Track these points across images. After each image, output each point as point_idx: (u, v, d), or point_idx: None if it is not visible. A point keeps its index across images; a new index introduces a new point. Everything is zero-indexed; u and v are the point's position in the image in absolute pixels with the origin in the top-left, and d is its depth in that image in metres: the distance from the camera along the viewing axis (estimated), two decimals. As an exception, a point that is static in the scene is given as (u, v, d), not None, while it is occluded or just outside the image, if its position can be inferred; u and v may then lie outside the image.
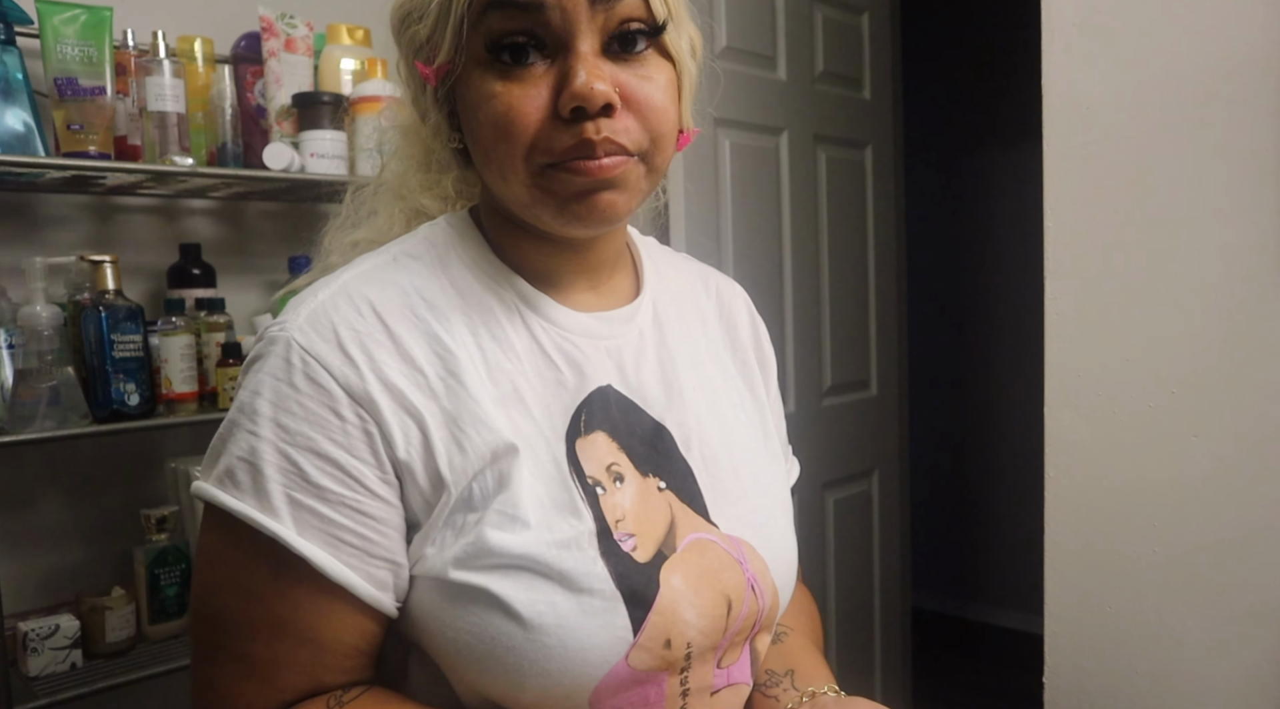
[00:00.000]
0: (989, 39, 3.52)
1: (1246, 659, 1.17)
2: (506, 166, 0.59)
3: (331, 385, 0.57)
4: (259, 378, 0.58)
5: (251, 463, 0.57)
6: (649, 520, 0.63)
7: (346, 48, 1.59)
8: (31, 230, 1.46)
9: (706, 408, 0.71)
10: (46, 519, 1.48)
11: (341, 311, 0.60)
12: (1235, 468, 1.17)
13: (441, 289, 0.64)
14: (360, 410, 0.58)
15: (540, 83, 0.58)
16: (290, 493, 0.56)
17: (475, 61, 0.59)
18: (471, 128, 0.61)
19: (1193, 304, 1.19)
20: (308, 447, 0.57)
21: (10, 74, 1.26)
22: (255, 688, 0.58)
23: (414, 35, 0.63)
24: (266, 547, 0.56)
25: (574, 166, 0.58)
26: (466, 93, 0.61)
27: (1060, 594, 1.32)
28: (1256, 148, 1.13)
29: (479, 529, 0.58)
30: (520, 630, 0.56)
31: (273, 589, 0.57)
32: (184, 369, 1.38)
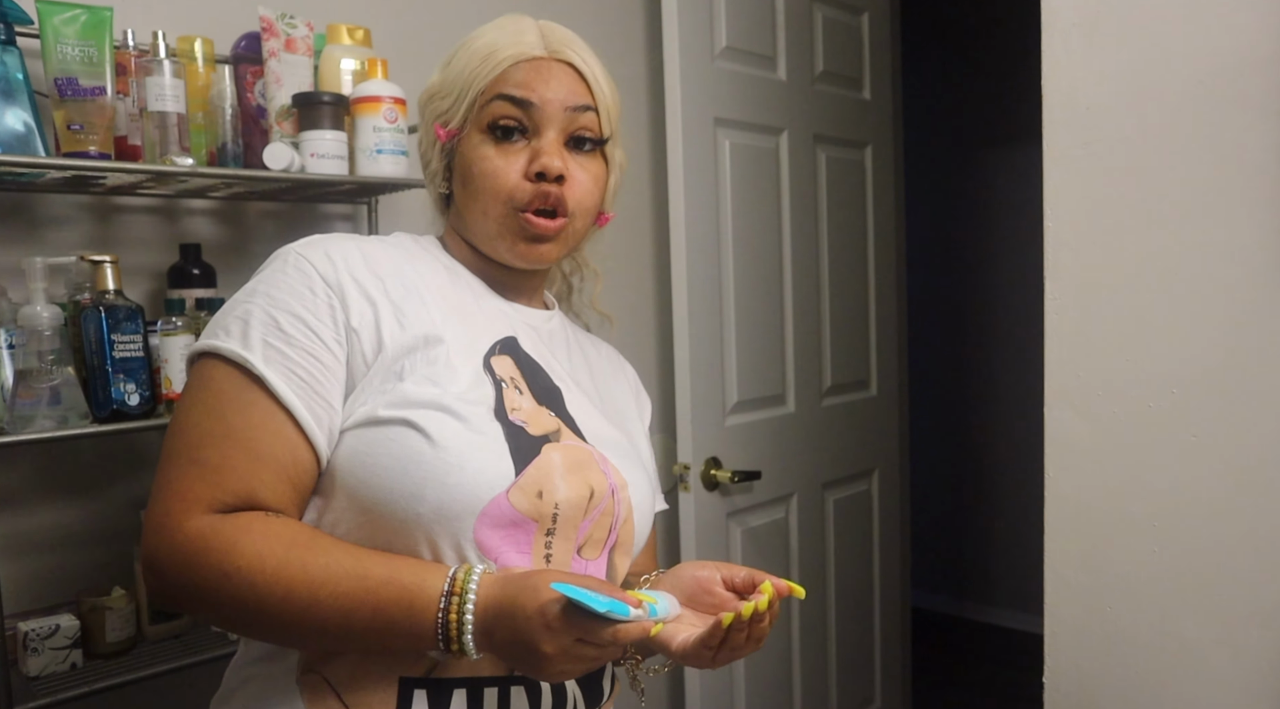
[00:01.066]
0: (989, 39, 3.52)
1: (1246, 659, 1.17)
2: (489, 206, 0.87)
3: (311, 273, 0.80)
4: (262, 273, 0.82)
5: (242, 319, 0.77)
6: (539, 421, 0.85)
7: (347, 48, 1.59)
8: (31, 230, 1.46)
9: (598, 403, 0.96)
10: (46, 519, 1.48)
11: (331, 240, 0.84)
12: (1235, 468, 1.17)
13: (412, 256, 0.89)
14: (329, 291, 0.79)
15: (519, 154, 0.87)
16: (265, 338, 0.76)
17: (477, 130, 0.88)
18: (465, 176, 0.89)
19: (1193, 304, 1.19)
20: (285, 308, 0.78)
21: (10, 74, 1.26)
22: (202, 486, 0.73)
23: (437, 106, 0.91)
24: (235, 374, 0.76)
25: (533, 220, 0.86)
26: (466, 152, 0.89)
27: (1060, 594, 1.32)
28: (1256, 148, 1.13)
29: (406, 385, 0.78)
30: (429, 447, 0.75)
31: (232, 406, 0.75)
32: (184, 369, 1.38)
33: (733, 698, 2.04)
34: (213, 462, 0.74)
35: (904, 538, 2.66)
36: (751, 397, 2.05)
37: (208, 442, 0.74)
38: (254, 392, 0.75)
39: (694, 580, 0.87)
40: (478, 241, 0.91)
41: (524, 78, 0.86)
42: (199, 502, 0.73)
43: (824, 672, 2.29)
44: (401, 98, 1.54)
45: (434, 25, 1.88)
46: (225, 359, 0.76)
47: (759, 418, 2.08)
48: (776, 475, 2.10)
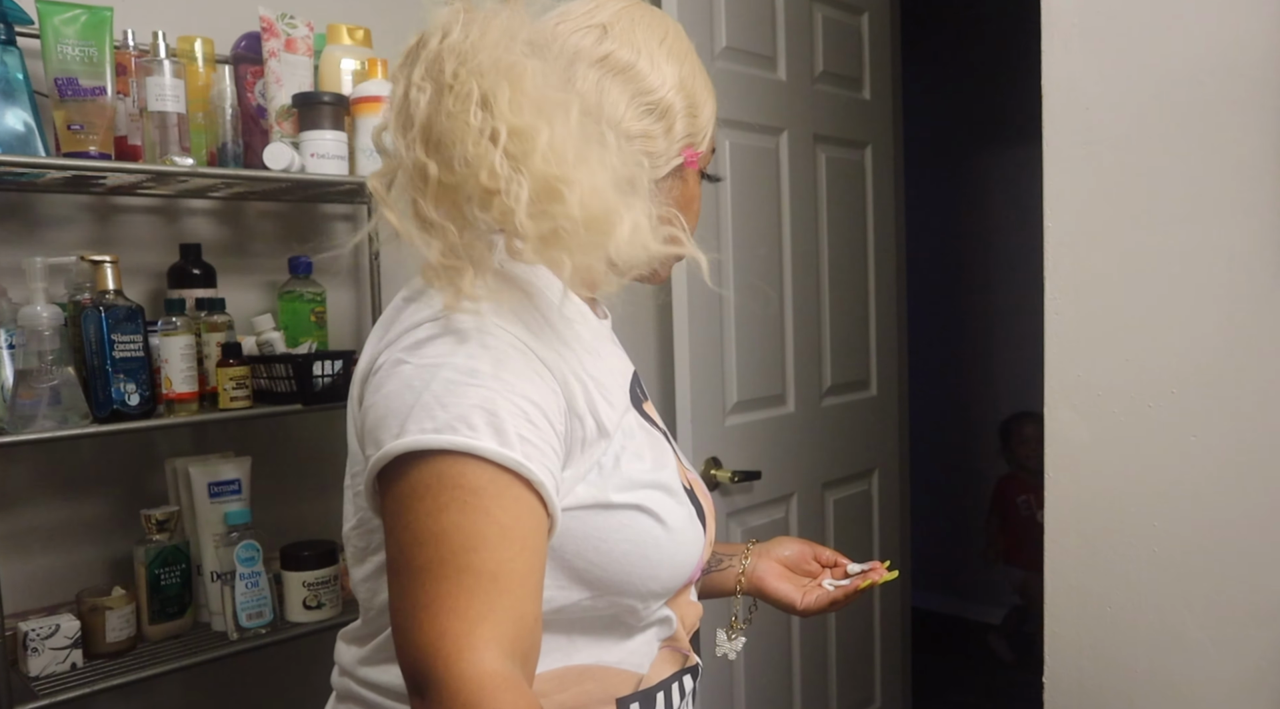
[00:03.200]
0: (989, 39, 3.52)
1: (1246, 659, 1.17)
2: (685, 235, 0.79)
3: (531, 356, 0.70)
4: (468, 348, 0.68)
5: (487, 410, 0.66)
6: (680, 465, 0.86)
7: (347, 48, 1.59)
8: (31, 230, 1.46)
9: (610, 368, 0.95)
10: (46, 519, 1.48)
11: (513, 307, 0.73)
12: (1235, 468, 1.17)
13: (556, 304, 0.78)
14: (551, 376, 0.71)
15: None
16: (520, 432, 0.66)
17: (702, 168, 0.87)
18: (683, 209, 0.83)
19: (1193, 304, 1.19)
20: (525, 396, 0.68)
21: (10, 74, 1.26)
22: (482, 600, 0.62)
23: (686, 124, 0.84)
24: (492, 471, 0.65)
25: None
26: (693, 185, 0.87)
27: (1060, 594, 1.32)
28: (1256, 148, 1.13)
29: (626, 465, 0.76)
30: (664, 532, 0.77)
31: (499, 502, 0.65)
32: (184, 369, 1.38)
33: (733, 698, 2.04)
34: (489, 567, 0.63)
35: (904, 538, 2.66)
36: (751, 396, 2.05)
37: (479, 543, 0.64)
38: (516, 488, 0.66)
39: (799, 551, 1.06)
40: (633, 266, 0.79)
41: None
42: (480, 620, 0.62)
43: (824, 672, 2.29)
44: (401, 98, 1.53)
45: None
46: (472, 457, 0.65)
47: (759, 418, 2.08)
48: (776, 475, 2.10)
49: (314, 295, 1.64)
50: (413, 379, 0.67)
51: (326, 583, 1.51)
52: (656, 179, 0.82)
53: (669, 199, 0.83)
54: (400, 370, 0.68)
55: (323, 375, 1.48)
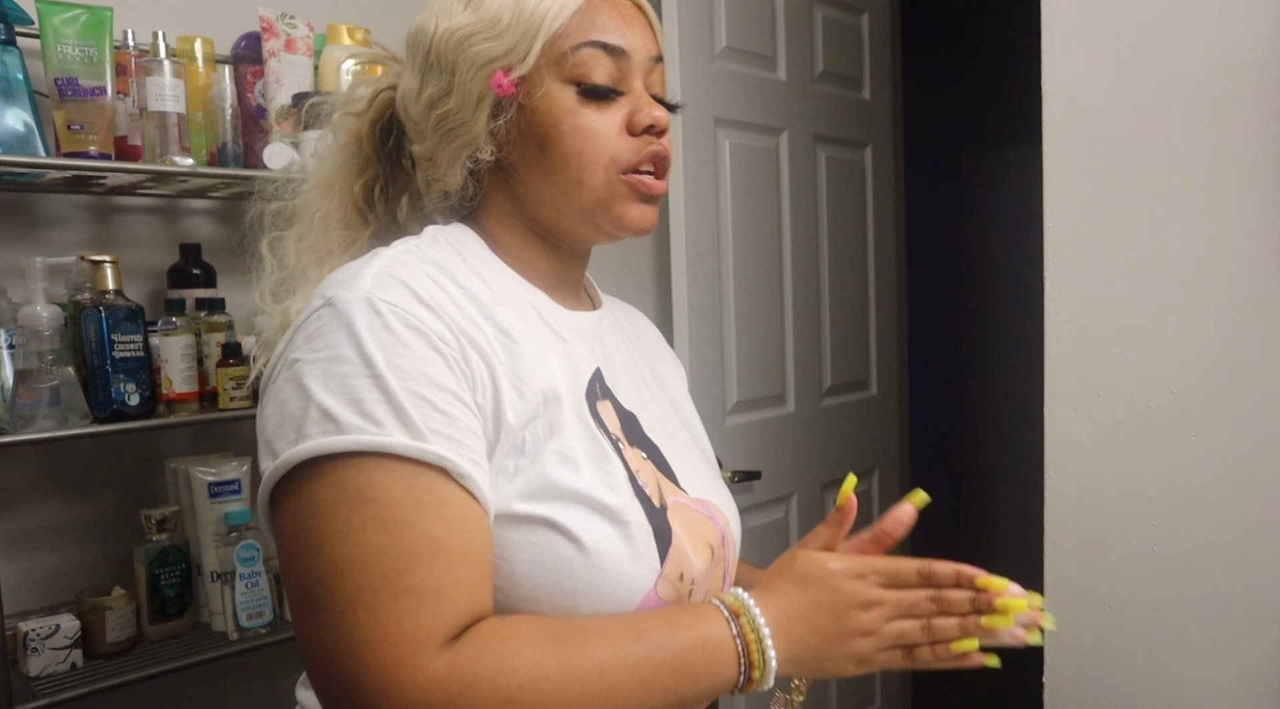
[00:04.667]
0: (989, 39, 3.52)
1: (1246, 659, 1.17)
2: (586, 172, 0.72)
3: (427, 330, 0.63)
4: (353, 332, 0.61)
5: (389, 402, 0.59)
6: (651, 480, 0.74)
7: (347, 48, 1.59)
8: (31, 230, 1.46)
9: (663, 400, 0.86)
10: (46, 519, 1.48)
11: (403, 274, 0.65)
12: (1235, 468, 1.17)
13: (469, 269, 0.71)
14: (453, 354, 0.64)
15: (612, 109, 0.73)
16: (429, 424, 0.60)
17: (558, 82, 0.72)
18: (547, 138, 0.72)
19: (1193, 304, 1.19)
20: (428, 381, 0.61)
21: (10, 74, 1.26)
22: (430, 616, 0.58)
23: (483, 50, 0.71)
24: (405, 474, 0.59)
25: (645, 180, 0.73)
26: (545, 108, 0.72)
27: (1060, 594, 1.32)
28: (1256, 148, 1.13)
29: (539, 468, 0.66)
30: (580, 556, 0.65)
31: (425, 513, 0.59)
32: (184, 369, 1.38)
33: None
34: (430, 584, 0.58)
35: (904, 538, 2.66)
36: (751, 397, 2.05)
37: (411, 564, 0.58)
38: (438, 488, 0.60)
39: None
40: (560, 218, 0.74)
41: (609, 20, 0.72)
42: (432, 637, 0.57)
43: (824, 672, 2.29)
44: (401, 98, 1.53)
45: (434, 25, 1.87)
46: (375, 459, 0.58)
47: (759, 418, 2.08)
48: (776, 475, 2.10)
49: (314, 295, 1.64)
50: (301, 378, 0.61)
51: (326, 583, 1.51)
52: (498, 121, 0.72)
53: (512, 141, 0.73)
54: (290, 372, 0.62)
55: (323, 375, 1.48)
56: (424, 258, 0.69)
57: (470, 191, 0.76)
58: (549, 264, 0.78)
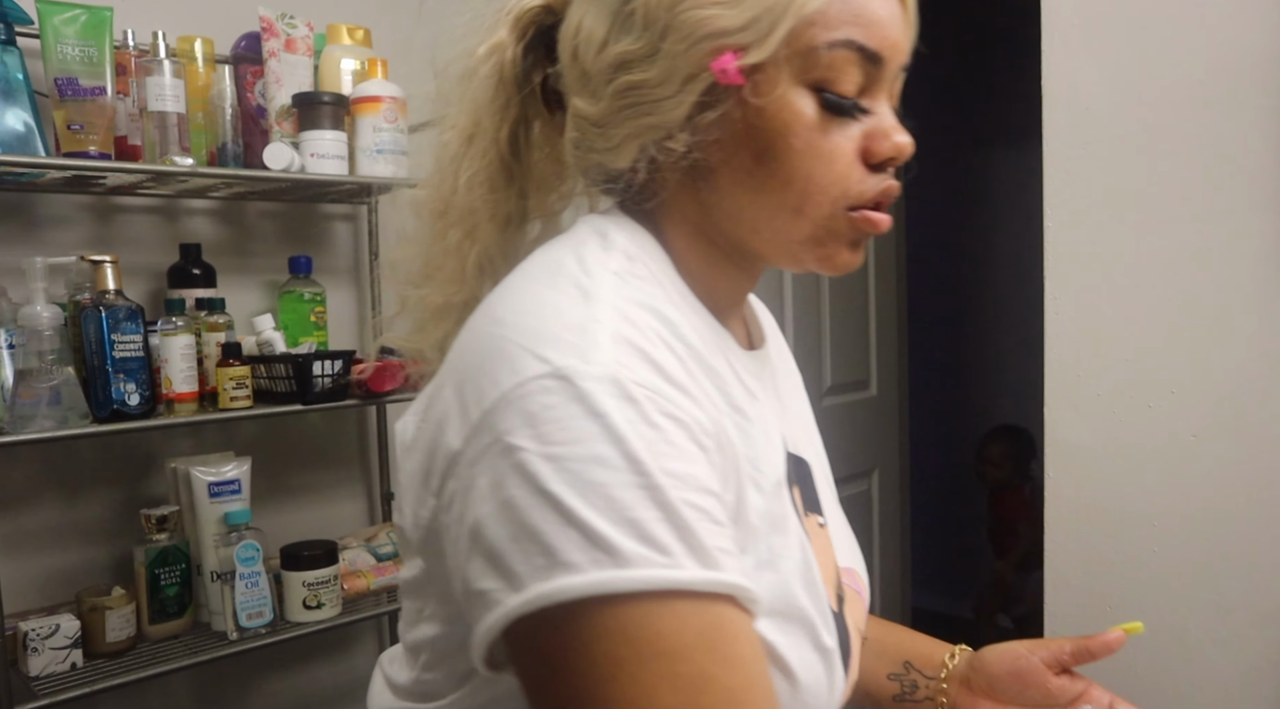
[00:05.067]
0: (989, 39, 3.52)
1: (1246, 659, 1.17)
2: (810, 201, 0.56)
3: (685, 418, 0.49)
4: (607, 424, 0.46)
5: (670, 521, 0.46)
6: (826, 565, 0.61)
7: (346, 48, 1.59)
8: (31, 230, 1.46)
9: (805, 433, 0.71)
10: (46, 519, 1.48)
11: (641, 340, 0.50)
12: (1235, 468, 1.17)
13: (676, 309, 0.55)
14: (710, 443, 0.50)
15: (853, 128, 0.56)
16: (713, 541, 0.47)
17: (797, 83, 0.55)
18: (770, 149, 0.55)
19: (1193, 304, 1.19)
20: (699, 486, 0.48)
21: (10, 74, 1.26)
22: None
23: (707, 19, 0.53)
24: (694, 613, 0.46)
25: (873, 218, 0.58)
26: (775, 111, 0.55)
27: (1060, 594, 1.32)
28: (1256, 148, 1.13)
29: (766, 578, 0.54)
30: (788, 688, 0.55)
31: (719, 660, 0.46)
32: (184, 369, 1.38)
33: None
34: None
35: (904, 538, 2.66)
36: (751, 396, 2.05)
37: None
38: (726, 622, 0.47)
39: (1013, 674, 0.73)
40: (754, 242, 0.60)
41: (878, 11, 0.55)
42: None
43: (824, 672, 2.29)
44: (401, 98, 1.53)
45: (434, 25, 1.87)
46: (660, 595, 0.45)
47: (759, 418, 2.08)
48: (776, 475, 2.10)
49: (314, 295, 1.64)
50: (542, 479, 0.45)
51: (326, 583, 1.51)
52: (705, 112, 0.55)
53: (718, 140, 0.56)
54: (515, 464, 0.46)
55: (323, 375, 1.48)
56: (644, 303, 0.53)
57: (641, 178, 0.59)
58: (729, 286, 0.63)
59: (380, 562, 1.65)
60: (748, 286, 0.65)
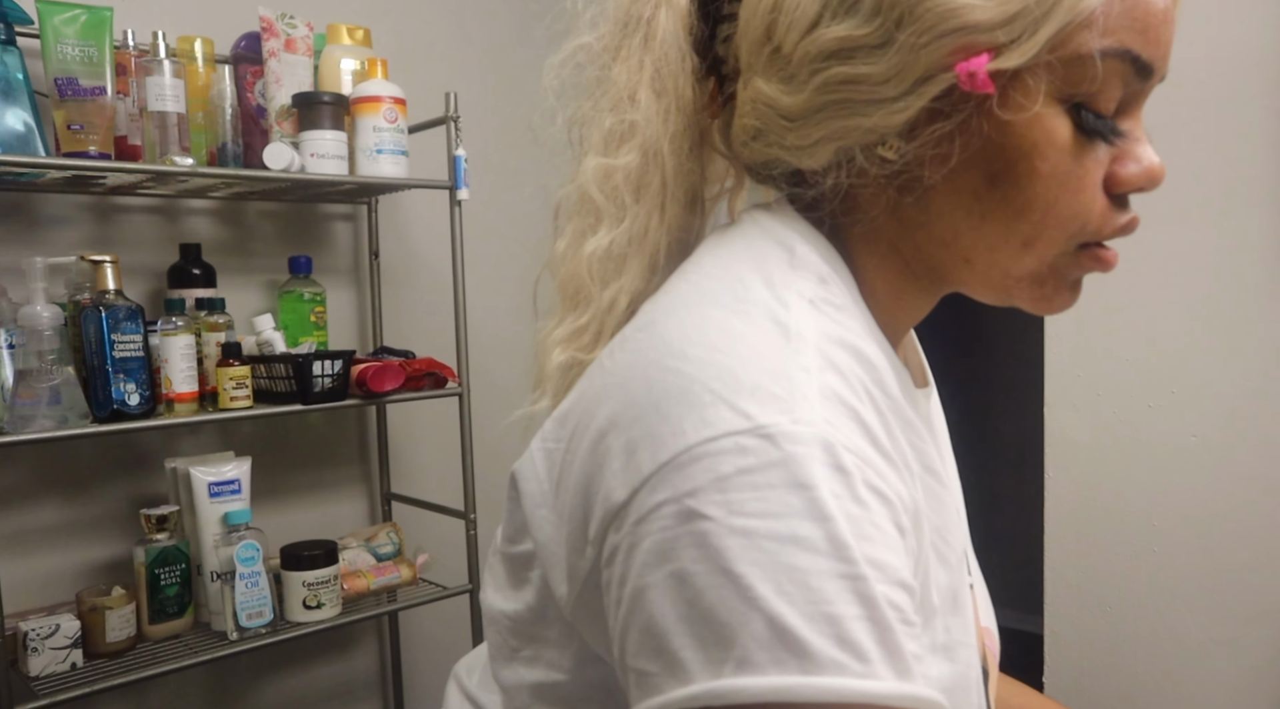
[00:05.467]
0: (989, 39, 3.52)
1: (1246, 659, 1.17)
2: (1044, 233, 0.47)
3: (891, 495, 0.42)
4: (814, 497, 0.39)
5: (873, 620, 0.38)
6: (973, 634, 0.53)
7: (346, 48, 1.59)
8: (31, 230, 1.46)
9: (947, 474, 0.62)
10: (46, 519, 1.48)
11: (847, 393, 0.43)
12: (1235, 468, 1.17)
13: (874, 348, 0.47)
14: (908, 524, 0.43)
15: (1100, 153, 0.47)
16: (910, 646, 0.40)
17: (1054, 97, 0.45)
18: (1008, 169, 0.46)
19: (1192, 304, 1.19)
20: (898, 580, 0.40)
21: (10, 74, 1.26)
22: None
23: (957, 9, 0.44)
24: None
25: (1100, 254, 0.50)
26: (1025, 128, 0.46)
27: (1060, 594, 1.32)
28: (1256, 148, 1.13)
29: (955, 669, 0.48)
30: None
31: None
32: (184, 369, 1.38)
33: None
34: None
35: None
36: (751, 396, 2.05)
37: None
38: None
39: None
40: (959, 270, 0.51)
41: (1159, 18, 0.46)
42: None
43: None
44: (401, 98, 1.54)
45: (434, 25, 1.88)
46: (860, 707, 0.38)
47: (759, 418, 2.08)
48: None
49: (314, 295, 1.64)
50: (730, 558, 0.38)
51: (326, 583, 1.51)
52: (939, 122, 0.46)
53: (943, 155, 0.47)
54: (697, 533, 0.39)
55: (323, 375, 1.48)
56: (846, 343, 0.46)
57: (830, 184, 0.50)
58: (910, 316, 0.55)
59: (380, 562, 1.65)
60: (924, 315, 0.57)
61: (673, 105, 0.52)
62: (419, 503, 1.79)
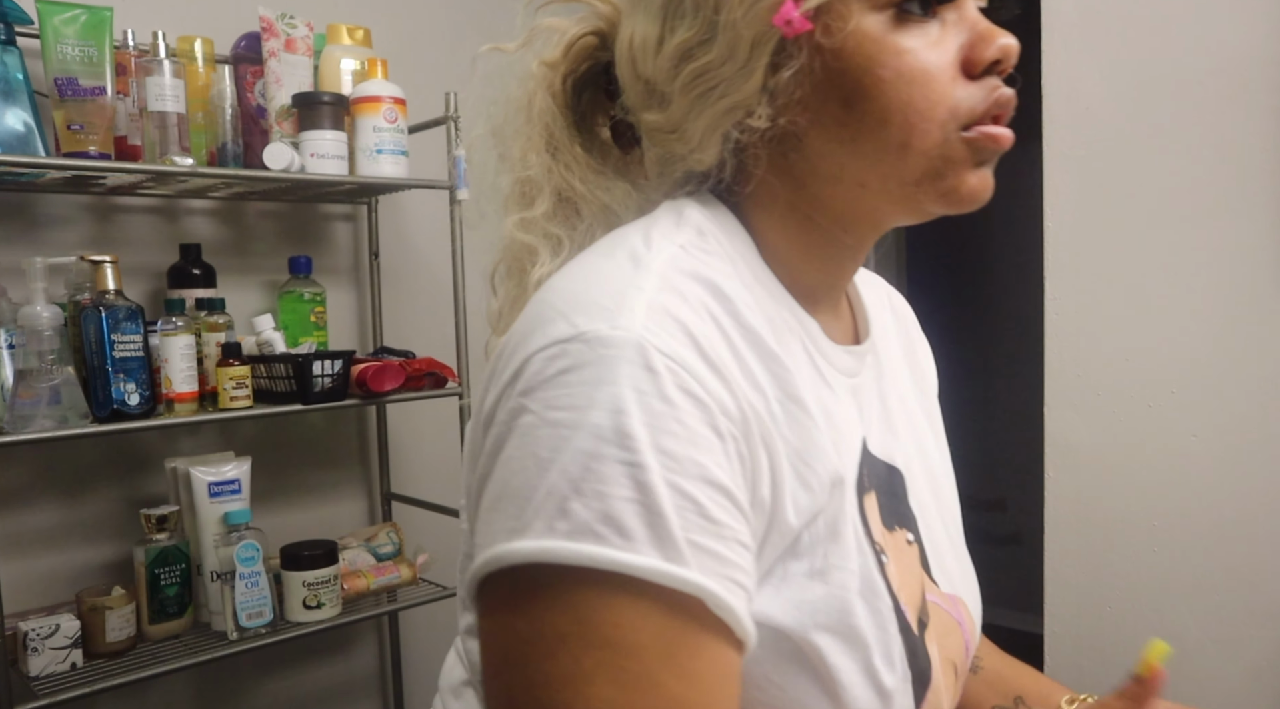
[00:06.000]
0: (989, 39, 3.52)
1: (1246, 659, 1.17)
2: (917, 130, 0.51)
3: (708, 400, 0.46)
4: (615, 392, 0.44)
5: (644, 503, 0.43)
6: (909, 585, 0.56)
7: (346, 48, 1.59)
8: (31, 230, 1.46)
9: (914, 443, 0.66)
10: (46, 519, 1.48)
11: (682, 310, 0.48)
12: (1235, 468, 1.17)
13: (748, 289, 0.53)
14: (735, 432, 0.47)
15: (944, 39, 0.52)
16: (690, 535, 0.43)
17: (869, 9, 0.50)
18: (860, 89, 0.51)
19: (1193, 304, 1.18)
20: (699, 474, 0.44)
21: (10, 74, 1.26)
22: None
23: None
24: (658, 611, 0.43)
25: (986, 135, 0.52)
26: (853, 45, 0.50)
27: (1060, 594, 1.32)
28: (1256, 148, 1.13)
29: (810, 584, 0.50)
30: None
31: (670, 665, 0.43)
32: (184, 369, 1.38)
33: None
34: None
35: (904, 538, 2.66)
36: (751, 396, 2.05)
37: None
38: (692, 630, 0.44)
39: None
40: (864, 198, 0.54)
41: None
42: None
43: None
44: (401, 98, 1.54)
45: (434, 25, 1.88)
46: (624, 582, 0.43)
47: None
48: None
49: (314, 295, 1.64)
50: (537, 443, 0.44)
51: (326, 583, 1.51)
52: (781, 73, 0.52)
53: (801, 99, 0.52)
54: (521, 426, 0.45)
55: (323, 375, 1.48)
56: (699, 274, 0.50)
57: (730, 170, 0.56)
58: (822, 271, 0.59)
59: (380, 562, 1.65)
60: (845, 274, 0.61)
61: (571, 161, 0.60)
62: (419, 503, 1.79)
